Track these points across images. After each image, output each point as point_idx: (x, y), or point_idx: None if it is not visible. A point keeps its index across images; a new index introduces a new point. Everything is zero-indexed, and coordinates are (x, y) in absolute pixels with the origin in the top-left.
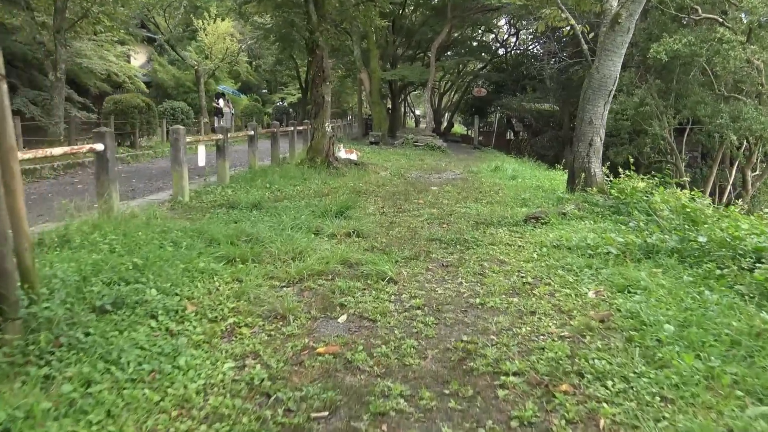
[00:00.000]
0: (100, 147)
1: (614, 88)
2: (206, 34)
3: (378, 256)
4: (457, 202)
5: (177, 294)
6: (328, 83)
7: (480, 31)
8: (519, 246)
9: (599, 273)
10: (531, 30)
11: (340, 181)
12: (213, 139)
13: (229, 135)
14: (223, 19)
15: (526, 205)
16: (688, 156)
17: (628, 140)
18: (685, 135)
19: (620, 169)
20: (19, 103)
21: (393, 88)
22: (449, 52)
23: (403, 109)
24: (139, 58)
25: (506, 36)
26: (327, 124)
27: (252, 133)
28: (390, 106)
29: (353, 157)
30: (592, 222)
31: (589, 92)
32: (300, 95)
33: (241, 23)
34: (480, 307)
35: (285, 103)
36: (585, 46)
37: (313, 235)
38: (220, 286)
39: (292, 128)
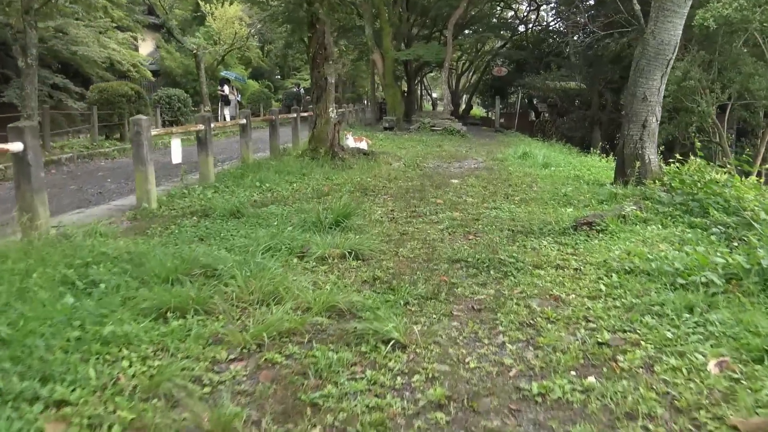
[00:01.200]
0: (17, 147)
1: (674, 57)
2: (214, 19)
3: (381, 295)
4: (483, 201)
5: (40, 398)
6: (331, 62)
7: (499, 8)
8: (575, 270)
9: (708, 321)
10: (553, 3)
11: (345, 176)
12: (191, 131)
13: (214, 125)
14: (231, 3)
15: (571, 204)
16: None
17: (667, 119)
18: (727, 111)
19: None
20: (11, 95)
21: (408, 69)
22: (467, 31)
23: (419, 92)
24: (147, 45)
25: (527, 11)
26: (331, 109)
27: (244, 121)
28: (405, 88)
29: (363, 145)
30: (660, 226)
31: (643, 62)
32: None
33: (250, 6)
34: (539, 401)
35: (300, 89)
36: (637, 6)
37: (295, 260)
38: (125, 370)
39: (295, 115)
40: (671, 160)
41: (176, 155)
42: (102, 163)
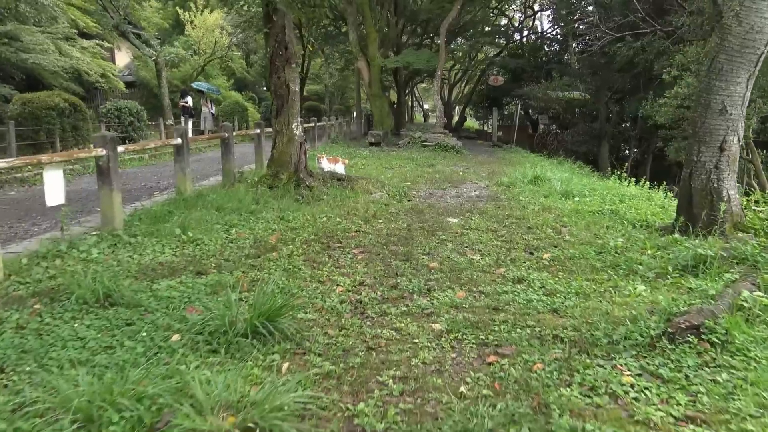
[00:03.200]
0: None
1: (766, 51)
2: (193, 28)
3: None
4: (498, 262)
5: None
6: (294, 65)
7: (493, 15)
8: None
9: None
10: (550, 10)
11: (308, 214)
12: (82, 157)
13: (122, 148)
14: (211, 11)
15: (635, 272)
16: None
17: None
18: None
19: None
20: None
21: (398, 79)
22: (460, 39)
23: (410, 103)
24: (124, 56)
25: (522, 18)
26: (295, 124)
27: (179, 141)
28: (395, 100)
29: (339, 168)
30: None
31: (722, 59)
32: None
33: (227, 12)
34: None
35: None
36: None
37: None
38: None
39: (258, 131)
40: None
41: (52, 194)
42: (12, 192)
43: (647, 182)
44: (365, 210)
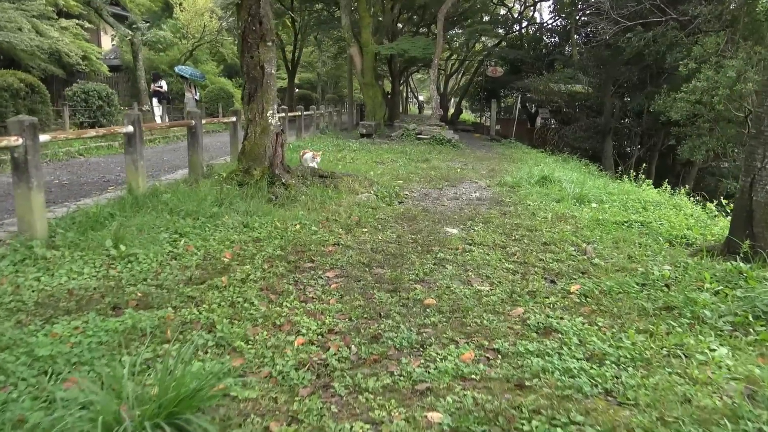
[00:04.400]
0: None
1: None
2: (182, 11)
3: None
4: (513, 297)
5: None
6: (269, 44)
7: (493, 3)
8: None
9: None
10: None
11: (277, 220)
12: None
13: (46, 136)
14: None
15: (703, 320)
16: None
17: (707, 130)
18: None
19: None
20: None
21: (392, 68)
22: (458, 30)
23: (405, 94)
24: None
25: (522, 8)
26: (270, 112)
27: (130, 129)
28: (389, 90)
29: (315, 163)
30: None
31: None
32: (287, 79)
33: None
34: None
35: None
36: None
37: None
38: None
39: (234, 119)
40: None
41: None
42: None
43: (649, 181)
44: (348, 215)
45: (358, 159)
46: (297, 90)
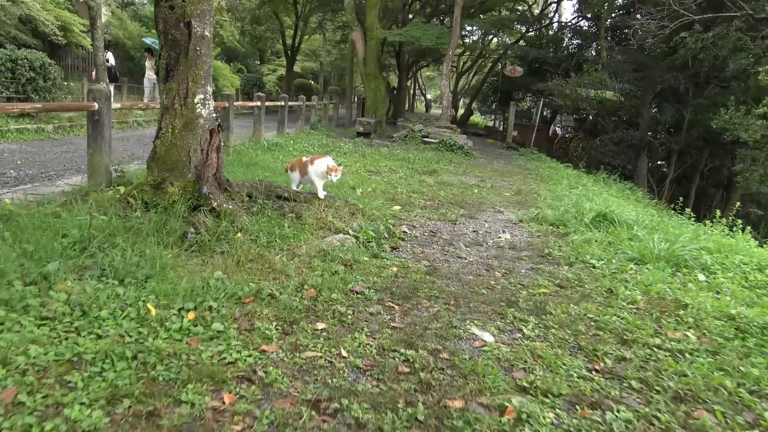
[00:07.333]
0: None
1: None
2: None
3: None
4: None
5: None
6: None
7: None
8: None
9: None
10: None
11: (157, 303)
12: None
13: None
14: None
15: None
16: None
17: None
18: None
19: None
20: None
21: (401, 60)
22: (473, 27)
23: (412, 91)
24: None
25: (544, 4)
26: (201, 97)
27: None
28: (395, 84)
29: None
30: None
31: None
32: (286, 66)
33: None
34: None
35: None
36: None
37: None
38: None
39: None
40: None
41: None
42: None
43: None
44: (300, 283)
45: (348, 166)
46: (296, 79)
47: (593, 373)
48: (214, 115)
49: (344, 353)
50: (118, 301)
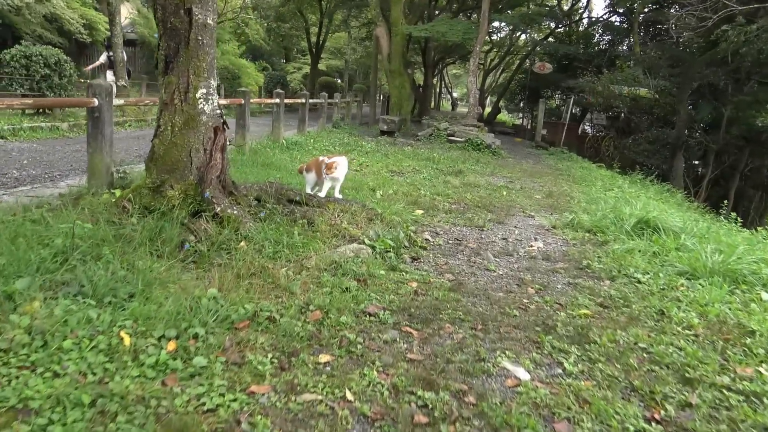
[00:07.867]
0: None
1: None
2: None
3: None
4: None
5: None
6: None
7: None
8: None
9: None
10: None
11: (135, 330)
12: None
13: None
14: None
15: None
16: None
17: None
18: None
19: None
20: None
21: (426, 58)
22: (501, 22)
23: (438, 89)
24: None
25: (572, 2)
26: (204, 91)
27: None
28: (421, 82)
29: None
30: None
31: None
32: (311, 64)
33: None
34: None
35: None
36: None
37: None
38: None
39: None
40: None
41: None
42: None
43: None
44: (306, 303)
45: (369, 166)
46: (320, 77)
47: (653, 424)
48: (219, 111)
49: (350, 396)
50: (89, 327)
